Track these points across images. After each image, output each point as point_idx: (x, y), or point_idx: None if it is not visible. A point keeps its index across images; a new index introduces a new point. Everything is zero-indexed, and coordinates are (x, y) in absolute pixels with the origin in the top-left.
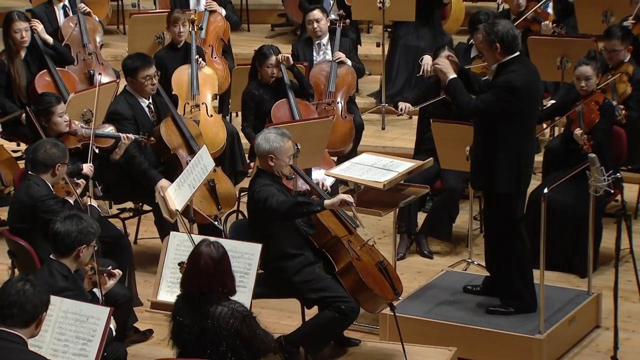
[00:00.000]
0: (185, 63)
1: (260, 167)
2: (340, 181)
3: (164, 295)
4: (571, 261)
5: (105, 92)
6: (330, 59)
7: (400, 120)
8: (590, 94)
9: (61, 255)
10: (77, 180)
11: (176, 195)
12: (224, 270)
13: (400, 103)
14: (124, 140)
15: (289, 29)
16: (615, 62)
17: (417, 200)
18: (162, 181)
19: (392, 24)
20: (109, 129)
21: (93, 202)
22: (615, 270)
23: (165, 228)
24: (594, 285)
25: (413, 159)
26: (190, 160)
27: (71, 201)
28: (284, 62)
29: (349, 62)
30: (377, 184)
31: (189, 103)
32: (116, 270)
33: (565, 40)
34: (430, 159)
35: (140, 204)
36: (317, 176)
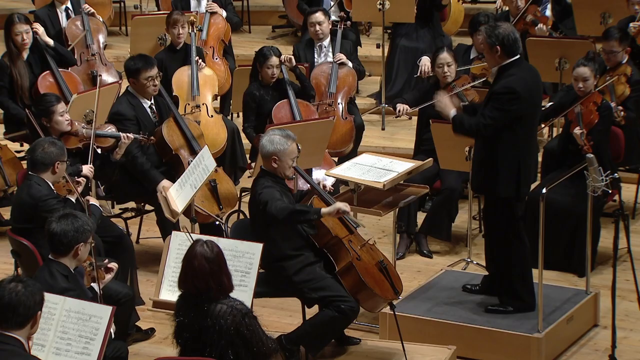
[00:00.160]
0: (185, 64)
1: (264, 168)
2: (340, 181)
3: (166, 294)
4: (569, 260)
5: (107, 93)
6: (331, 60)
7: (400, 121)
8: (588, 94)
9: (60, 254)
10: (78, 179)
11: (178, 196)
12: (219, 269)
13: (398, 105)
14: (124, 139)
15: (289, 31)
16: (613, 64)
17: (417, 200)
18: (164, 181)
19: (392, 26)
20: (110, 128)
21: (94, 201)
22: (613, 270)
23: (167, 228)
24: (592, 285)
25: (413, 159)
26: (191, 161)
27: (72, 199)
28: (286, 63)
29: (350, 64)
30: (377, 184)
31: (189, 104)
32: (112, 264)
33: (564, 41)
34: (430, 159)
35: (142, 203)
36: (318, 176)
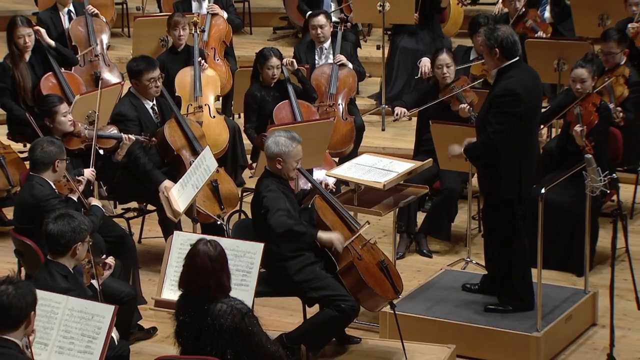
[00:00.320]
0: (187, 66)
1: (268, 168)
2: (341, 181)
3: (168, 294)
4: (568, 260)
5: (109, 94)
6: (331, 62)
7: (400, 122)
8: (586, 95)
9: (58, 255)
10: (78, 177)
11: (180, 196)
12: (221, 268)
13: (396, 108)
14: (125, 141)
15: (290, 32)
16: (611, 65)
17: (417, 200)
18: (166, 182)
19: (392, 27)
20: (112, 130)
21: (97, 202)
22: (612, 269)
23: (168, 227)
24: (591, 284)
25: (413, 160)
26: (193, 161)
27: (74, 198)
28: (288, 67)
29: (350, 65)
30: (378, 184)
31: (192, 104)
32: (110, 259)
33: (562, 43)
34: (430, 159)
35: (144, 203)
36: (319, 176)
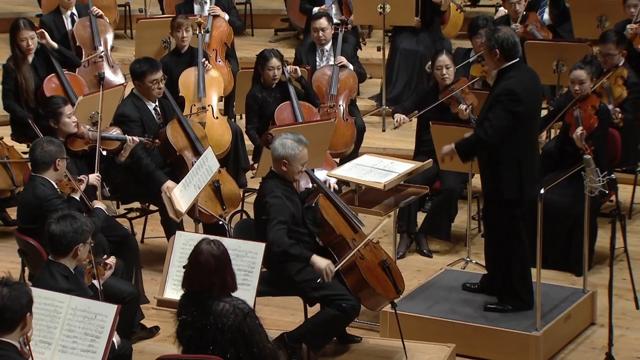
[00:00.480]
0: (190, 68)
1: (273, 170)
2: (342, 182)
3: (170, 293)
4: (567, 260)
5: (112, 95)
6: (332, 63)
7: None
8: (585, 97)
9: (59, 255)
10: (79, 177)
11: (182, 196)
12: (224, 266)
13: (395, 115)
14: (129, 142)
15: (291, 34)
16: (610, 66)
17: (417, 201)
18: (168, 182)
19: (392, 29)
20: (115, 131)
21: (100, 205)
22: (610, 269)
23: (171, 227)
24: (590, 284)
25: (413, 160)
26: (195, 162)
27: (77, 197)
28: (292, 74)
29: (351, 66)
30: (378, 184)
31: (195, 105)
32: (111, 259)
33: (561, 44)
34: (430, 160)
35: (146, 204)
36: (320, 177)
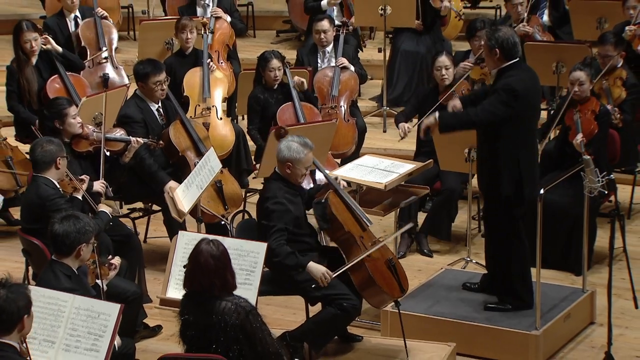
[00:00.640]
0: (195, 67)
1: (278, 171)
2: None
3: (173, 293)
4: (566, 259)
5: (115, 96)
6: (333, 64)
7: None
8: (584, 98)
9: (62, 255)
10: (81, 177)
11: (184, 196)
12: (224, 266)
13: (400, 125)
14: (133, 143)
15: (293, 35)
16: (609, 68)
17: (418, 201)
18: (171, 182)
19: (393, 30)
20: (119, 132)
21: (106, 208)
22: (609, 269)
23: (173, 227)
24: (589, 283)
25: (413, 161)
26: (198, 162)
27: (79, 197)
28: (296, 87)
29: (352, 68)
30: (379, 184)
31: (200, 105)
32: (115, 260)
33: (561, 45)
34: (430, 160)
35: (149, 204)
36: (321, 177)
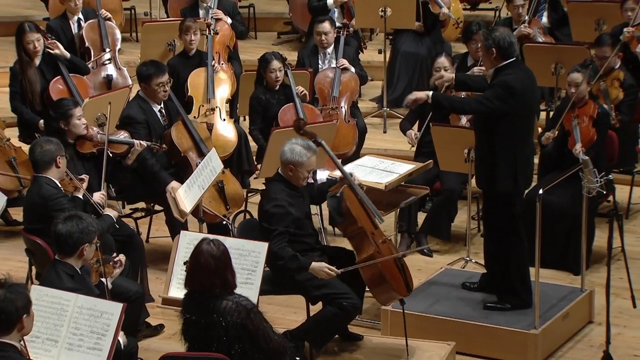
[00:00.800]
0: (200, 68)
1: (280, 172)
2: None
3: (175, 292)
4: (565, 259)
5: (118, 97)
6: (334, 66)
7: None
8: (582, 99)
9: (65, 255)
10: (80, 176)
11: (186, 196)
12: (224, 266)
13: (407, 133)
14: (137, 146)
15: (294, 37)
16: (606, 69)
17: (418, 201)
18: (173, 182)
19: (393, 32)
20: (123, 135)
21: (111, 212)
22: (608, 268)
23: (175, 227)
24: (587, 283)
25: (413, 161)
26: (199, 163)
27: (80, 196)
28: (300, 97)
29: (352, 69)
30: (379, 185)
31: (203, 106)
32: (120, 257)
33: (560, 47)
34: (430, 161)
35: (152, 204)
36: (322, 177)
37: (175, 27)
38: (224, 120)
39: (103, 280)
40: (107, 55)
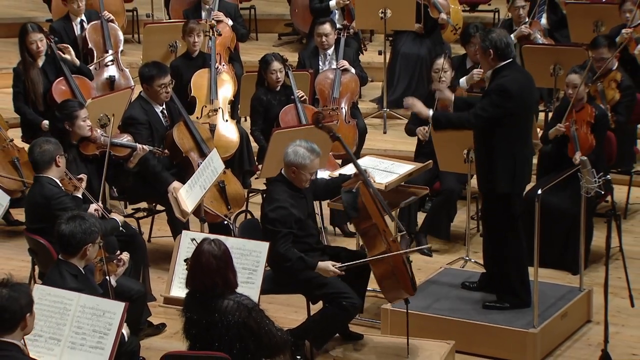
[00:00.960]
0: (203, 68)
1: (283, 173)
2: None
3: (176, 291)
4: (564, 259)
5: (120, 98)
6: (334, 67)
7: (400, 125)
8: (581, 108)
9: (69, 255)
10: (79, 176)
11: (188, 196)
12: (225, 265)
13: (417, 130)
14: (139, 150)
15: (295, 38)
16: (604, 70)
17: (417, 201)
18: (175, 183)
19: (393, 33)
20: (126, 138)
21: (117, 217)
22: (606, 268)
23: (177, 227)
24: (586, 282)
25: (413, 162)
26: (201, 163)
27: (79, 195)
28: (302, 100)
29: (353, 70)
30: (380, 185)
31: (206, 106)
32: (124, 254)
33: (558, 48)
34: (430, 161)
35: (153, 204)
36: (322, 177)
37: (177, 29)
38: (227, 121)
39: (107, 278)
40: (110, 57)
